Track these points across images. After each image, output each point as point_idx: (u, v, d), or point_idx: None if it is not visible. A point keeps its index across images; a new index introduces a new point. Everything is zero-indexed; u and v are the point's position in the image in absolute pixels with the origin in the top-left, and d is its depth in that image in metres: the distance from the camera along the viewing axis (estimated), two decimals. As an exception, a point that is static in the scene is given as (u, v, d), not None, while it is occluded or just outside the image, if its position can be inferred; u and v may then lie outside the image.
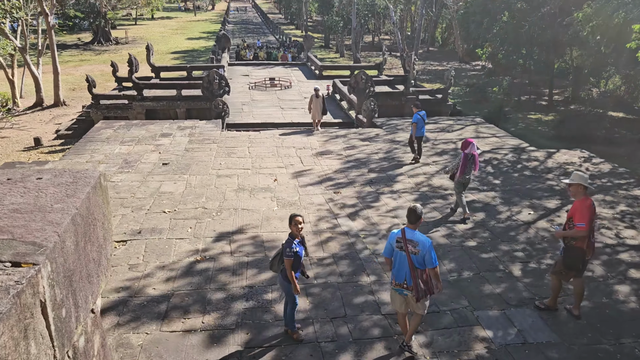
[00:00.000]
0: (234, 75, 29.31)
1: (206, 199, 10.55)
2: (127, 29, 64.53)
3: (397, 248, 5.77)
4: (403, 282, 5.74)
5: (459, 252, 8.53)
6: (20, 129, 22.30)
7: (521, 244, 8.86)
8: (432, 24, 59.54)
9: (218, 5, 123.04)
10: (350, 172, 12.48)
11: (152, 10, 63.00)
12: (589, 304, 7.13)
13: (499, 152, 14.35)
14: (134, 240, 8.74)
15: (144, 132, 15.58)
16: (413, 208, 5.76)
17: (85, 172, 4.20)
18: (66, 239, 3.05)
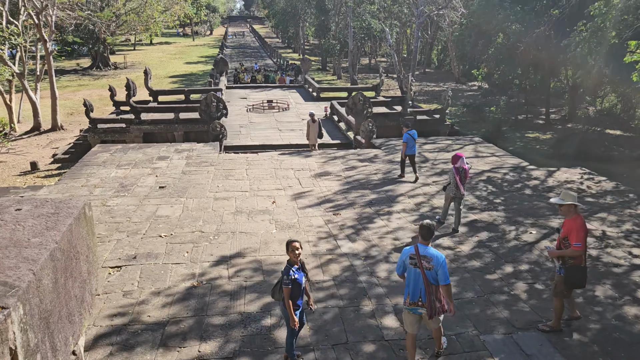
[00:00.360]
0: (232, 98, 29.37)
1: (203, 223, 10.37)
2: (126, 54, 65.07)
3: (411, 265, 5.69)
4: (418, 299, 5.66)
5: (463, 274, 8.32)
6: (17, 153, 22.19)
7: (525, 264, 8.66)
8: (428, 46, 60.15)
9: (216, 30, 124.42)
10: (349, 193, 12.32)
11: (150, 35, 63.58)
12: (598, 326, 6.91)
13: (499, 171, 14.24)
14: (129, 265, 8.53)
15: (141, 156, 15.46)
16: (426, 224, 5.73)
17: (69, 202, 4.01)
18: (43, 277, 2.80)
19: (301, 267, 5.84)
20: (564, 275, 6.49)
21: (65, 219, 3.56)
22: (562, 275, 6.52)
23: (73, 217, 3.64)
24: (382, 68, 31.72)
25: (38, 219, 3.48)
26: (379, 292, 7.75)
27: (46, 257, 2.93)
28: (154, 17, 49.36)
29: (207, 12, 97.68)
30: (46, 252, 2.98)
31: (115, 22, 46.36)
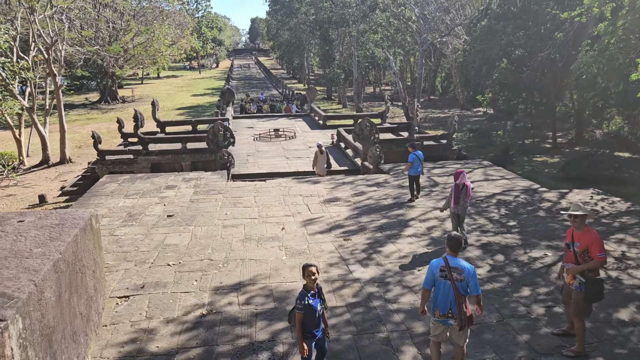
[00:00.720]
0: (239, 128, 29.54)
1: (212, 250, 10.21)
2: (134, 88, 66.08)
3: (441, 277, 5.68)
4: (448, 311, 5.68)
5: (479, 298, 8.06)
6: (26, 186, 22.26)
7: (544, 287, 8.41)
8: (431, 73, 60.69)
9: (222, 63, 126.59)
10: (359, 218, 12.16)
11: (158, 69, 64.64)
12: (625, 351, 6.62)
13: (510, 193, 14.05)
14: (137, 295, 8.35)
15: (149, 185, 15.42)
16: (454, 236, 5.81)
17: (74, 212, 3.86)
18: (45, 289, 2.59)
19: (318, 293, 5.63)
20: (585, 292, 6.30)
21: (71, 230, 3.39)
22: (583, 292, 6.32)
23: (79, 228, 3.47)
24: (387, 95, 31.90)
25: (41, 230, 3.31)
26: (394, 319, 7.51)
27: (49, 268, 2.73)
28: (161, 51, 50.26)
29: (213, 45, 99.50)
30: (49, 262, 2.79)
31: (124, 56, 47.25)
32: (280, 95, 57.30)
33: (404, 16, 43.12)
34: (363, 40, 47.27)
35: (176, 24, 57.05)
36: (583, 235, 6.33)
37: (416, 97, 35.66)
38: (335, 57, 53.76)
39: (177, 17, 59.62)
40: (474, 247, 10.18)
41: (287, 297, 8.20)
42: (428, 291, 5.85)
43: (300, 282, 8.66)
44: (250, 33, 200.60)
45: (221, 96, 37.50)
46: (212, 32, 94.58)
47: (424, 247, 10.28)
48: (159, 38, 48.46)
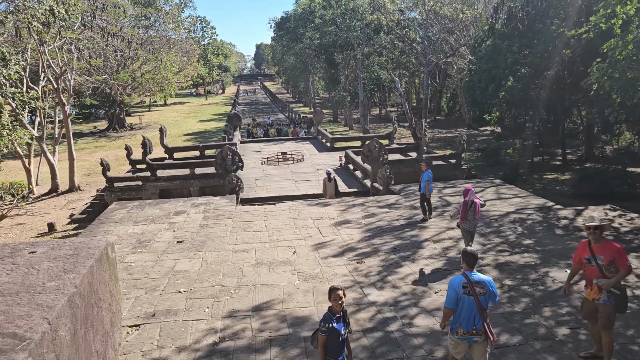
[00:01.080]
0: (246, 152, 29.55)
1: (223, 276, 10.02)
2: (141, 115, 66.71)
3: (465, 294, 5.58)
4: (472, 328, 5.60)
5: (501, 320, 7.81)
6: (35, 215, 22.25)
7: (566, 308, 8.13)
8: (437, 93, 60.85)
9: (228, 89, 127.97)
10: (372, 240, 11.95)
11: (165, 96, 65.35)
12: (656, 373, 6.33)
13: (524, 212, 13.80)
14: (147, 324, 8.15)
15: (158, 211, 15.32)
16: (470, 251, 5.79)
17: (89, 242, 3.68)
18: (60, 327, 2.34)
19: (343, 317, 5.47)
20: (615, 303, 6.15)
21: (86, 260, 3.19)
22: (613, 304, 6.16)
23: (94, 258, 3.27)
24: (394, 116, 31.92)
25: (54, 261, 3.10)
26: (412, 342, 7.26)
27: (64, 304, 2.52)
28: (168, 78, 50.86)
29: (219, 71, 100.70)
30: (64, 297, 2.58)
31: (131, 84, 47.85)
32: (287, 119, 57.59)
33: (409, 38, 43.46)
34: (368, 63, 47.62)
35: (183, 51, 57.85)
36: (604, 248, 6.19)
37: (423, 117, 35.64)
38: (341, 80, 54.13)
39: (184, 44, 60.50)
40: (490, 267, 9.93)
41: (302, 322, 7.98)
42: (452, 310, 5.69)
43: (315, 307, 8.48)
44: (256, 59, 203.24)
45: (228, 121, 37.71)
46: (218, 59, 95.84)
47: (441, 268, 10.03)
48: (166, 65, 49.12)
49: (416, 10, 45.05)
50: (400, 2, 44.12)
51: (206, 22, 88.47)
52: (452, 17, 39.86)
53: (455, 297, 5.61)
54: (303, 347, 7.28)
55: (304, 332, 7.71)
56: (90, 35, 32.56)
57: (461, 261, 5.86)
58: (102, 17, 33.14)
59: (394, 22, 42.38)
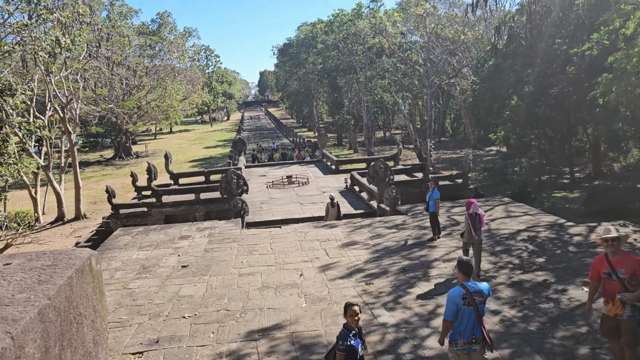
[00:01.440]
0: (252, 177, 29.48)
1: (229, 300, 9.77)
2: (147, 143, 67.16)
3: (464, 305, 5.53)
4: (472, 337, 5.56)
5: (516, 340, 7.50)
6: (41, 243, 22.14)
7: (584, 327, 7.81)
8: (441, 115, 61.02)
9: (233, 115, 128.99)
10: (380, 261, 11.69)
11: (170, 124, 65.89)
12: (685, 393, 6.00)
13: (535, 229, 13.52)
14: (151, 351, 7.89)
15: (163, 236, 15.14)
16: (466, 260, 5.75)
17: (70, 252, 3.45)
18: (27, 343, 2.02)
19: (359, 334, 5.32)
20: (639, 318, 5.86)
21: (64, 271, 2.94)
22: (637, 318, 5.87)
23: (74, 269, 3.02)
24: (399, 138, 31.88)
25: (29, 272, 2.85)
26: (426, 366, 6.96)
27: (32, 317, 2.24)
28: (173, 106, 51.28)
29: (223, 99, 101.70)
30: (33, 310, 2.31)
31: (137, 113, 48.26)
32: (292, 143, 57.76)
33: (411, 60, 43.75)
34: (371, 86, 47.91)
35: (187, 79, 58.51)
36: (624, 260, 5.92)
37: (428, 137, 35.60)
38: (344, 103, 54.43)
39: (188, 72, 61.25)
40: (504, 285, 9.63)
41: (310, 345, 7.70)
42: (451, 323, 5.63)
43: (323, 330, 8.21)
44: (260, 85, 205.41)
45: (233, 146, 37.79)
46: (222, 86, 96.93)
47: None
48: (171, 93, 49.60)
49: (417, 33, 45.49)
50: (402, 26, 44.57)
51: (210, 51, 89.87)
52: (454, 38, 40.20)
53: (455, 309, 5.54)
54: (312, 372, 7.01)
55: (314, 355, 7.44)
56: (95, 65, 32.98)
57: (457, 272, 5.83)
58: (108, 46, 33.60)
59: (396, 45, 42.75)
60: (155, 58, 53.49)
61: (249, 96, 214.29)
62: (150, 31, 56.02)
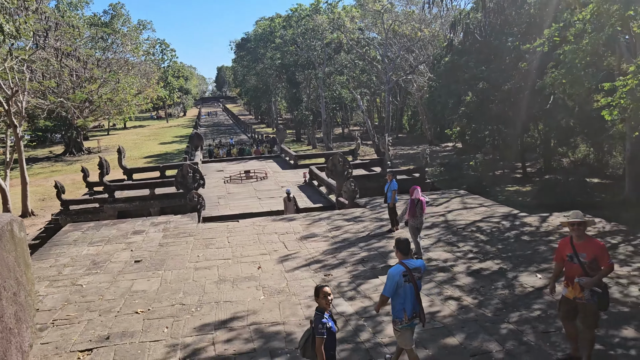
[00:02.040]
0: (208, 172, 28.90)
1: (184, 294, 9.46)
2: (100, 139, 64.94)
3: (405, 282, 5.79)
4: (413, 313, 5.87)
5: (473, 325, 7.57)
6: (-18, 242, 20.95)
7: (538, 311, 7.97)
8: (398, 111, 61.75)
9: (189, 111, 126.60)
10: (339, 252, 11.61)
11: (124, 119, 63.88)
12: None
13: (490, 220, 13.78)
14: (101, 347, 7.53)
15: (115, 232, 14.58)
16: (403, 239, 6.00)
17: None
18: None
19: (331, 316, 5.28)
20: (599, 301, 6.00)
21: None
22: (596, 303, 5.99)
23: None
24: (357, 133, 32.03)
25: None
26: (383, 352, 6.91)
27: None
28: (127, 100, 49.72)
29: (180, 94, 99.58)
30: None
31: (89, 107, 46.52)
32: (250, 139, 57.13)
33: (369, 56, 44.02)
34: (330, 82, 47.94)
35: (142, 73, 56.85)
36: (587, 245, 6.01)
37: (386, 132, 35.91)
38: (303, 99, 54.26)
39: (143, 66, 59.53)
40: (464, 274, 9.74)
41: (269, 337, 7.53)
42: (388, 299, 5.90)
43: (282, 322, 8.04)
44: (217, 81, 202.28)
45: (190, 141, 37.00)
46: (178, 81, 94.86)
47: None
48: (125, 87, 48.05)
49: (375, 30, 45.80)
50: (360, 22, 44.77)
51: (166, 45, 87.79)
52: (411, 35, 40.67)
53: (394, 287, 5.77)
54: (270, 359, 6.85)
55: (275, 342, 7.30)
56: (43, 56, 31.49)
57: (395, 251, 6.05)
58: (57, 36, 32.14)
59: (354, 40, 42.90)
60: (107, 51, 51.68)
61: (206, 92, 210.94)
62: (102, 23, 54.07)
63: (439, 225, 13.61)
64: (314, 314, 5.25)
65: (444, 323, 7.73)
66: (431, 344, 7.11)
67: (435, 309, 8.23)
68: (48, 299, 9.51)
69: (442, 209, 15.61)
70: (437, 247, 11.60)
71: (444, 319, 7.86)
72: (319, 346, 5.06)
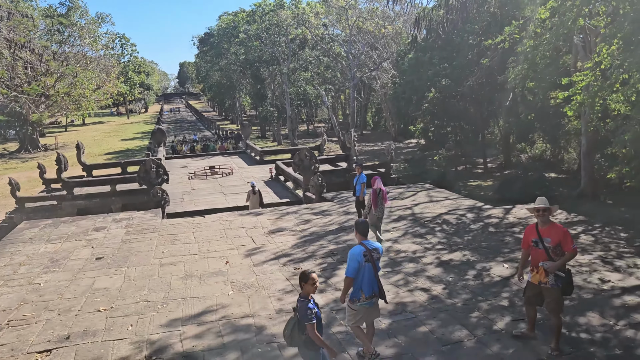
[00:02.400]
0: (172, 168, 28.26)
1: (149, 291, 9.16)
2: (57, 135, 62.67)
3: (366, 262, 5.94)
4: (372, 292, 6.03)
5: (444, 315, 7.61)
6: None
7: (506, 299, 8.09)
8: (362, 108, 62.03)
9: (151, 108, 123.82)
10: (307, 246, 11.51)
11: (82, 115, 61.82)
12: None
13: (456, 212, 13.96)
14: (60, 348, 7.19)
15: (74, 229, 14.04)
16: (362, 221, 6.25)
17: None
18: None
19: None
20: (563, 286, 6.14)
21: None
22: (560, 287, 6.14)
23: None
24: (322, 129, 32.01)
25: None
26: (356, 342, 6.85)
27: None
28: (85, 96, 48.14)
29: (141, 90, 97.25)
30: None
31: (45, 102, 44.78)
32: (214, 135, 56.30)
33: (334, 52, 44.04)
34: (294, 78, 47.71)
35: (101, 67, 55.15)
36: (551, 230, 6.17)
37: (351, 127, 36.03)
38: (268, 95, 53.84)
39: (102, 61, 57.75)
40: (433, 265, 9.80)
41: (238, 331, 7.36)
42: (352, 280, 5.98)
43: (252, 316, 7.88)
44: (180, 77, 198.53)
45: (152, 137, 36.04)
46: (139, 77, 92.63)
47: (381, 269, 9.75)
48: (83, 82, 46.49)
49: (340, 26, 45.85)
50: (324, 17, 44.73)
51: (126, 39, 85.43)
52: (375, 32, 40.90)
53: (357, 267, 5.89)
54: (240, 356, 6.69)
55: (245, 335, 7.15)
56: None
57: (355, 233, 6.22)
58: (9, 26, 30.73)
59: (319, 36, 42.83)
60: (64, 44, 49.84)
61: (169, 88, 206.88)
62: (59, 14, 52.08)
63: (406, 218, 13.69)
64: (297, 302, 5.20)
65: (415, 313, 7.74)
66: (402, 334, 7.10)
67: (406, 300, 8.24)
68: (2, 299, 9.04)
69: (409, 202, 15.72)
70: (406, 239, 11.65)
71: (414, 309, 7.88)
72: (312, 332, 5.06)
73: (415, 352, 6.61)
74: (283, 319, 7.65)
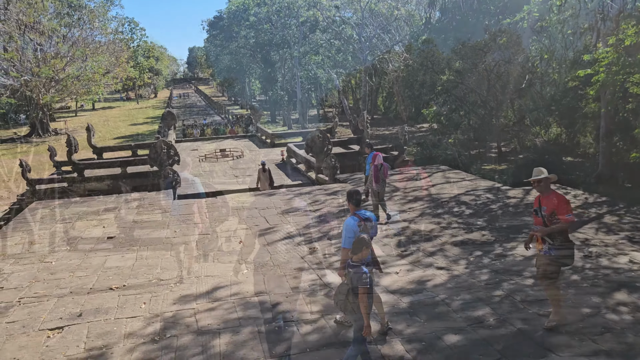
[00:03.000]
0: (183, 151, 28.13)
1: (162, 270, 8.98)
2: (67, 120, 62.82)
3: (361, 232, 5.85)
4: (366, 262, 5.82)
5: (466, 294, 7.34)
6: (-57, 224, 19.89)
7: (530, 279, 7.80)
8: (373, 92, 61.36)
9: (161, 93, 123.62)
10: (321, 226, 11.28)
11: (93, 100, 61.75)
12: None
13: (474, 193, 13.64)
14: (72, 325, 7.03)
15: (85, 209, 13.91)
16: (355, 191, 6.21)
17: None
18: None
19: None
20: (555, 255, 6.07)
21: None
22: (552, 255, 6.08)
23: None
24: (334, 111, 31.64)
25: None
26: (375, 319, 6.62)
27: None
28: (95, 80, 48.01)
29: (150, 75, 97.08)
30: None
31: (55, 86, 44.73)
32: (223, 120, 56.06)
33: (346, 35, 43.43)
34: (305, 61, 47.18)
35: (110, 51, 54.92)
36: (549, 199, 6.17)
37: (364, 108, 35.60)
38: (278, 79, 53.39)
39: (111, 45, 57.46)
40: (451, 245, 9.52)
41: (252, 309, 7.16)
42: (349, 251, 5.68)
43: (267, 293, 7.67)
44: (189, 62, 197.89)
45: (162, 120, 35.90)
46: (148, 62, 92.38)
47: (395, 247, 9.51)
48: (93, 66, 46.34)
49: (351, 9, 45.16)
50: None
51: (135, 24, 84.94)
52: (387, 14, 40.21)
53: (353, 237, 5.72)
54: (256, 331, 6.49)
55: (257, 315, 6.96)
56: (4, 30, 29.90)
57: (348, 204, 6.19)
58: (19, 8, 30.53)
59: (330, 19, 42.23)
60: (73, 27, 49.55)
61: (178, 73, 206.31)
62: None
63: (422, 199, 13.39)
64: (348, 267, 5.24)
65: (435, 292, 7.49)
66: (424, 313, 6.86)
67: (427, 279, 7.99)
68: (14, 277, 8.91)
69: (424, 183, 15.41)
70: (423, 219, 11.38)
71: (435, 288, 7.62)
72: (363, 298, 5.03)
73: (438, 330, 6.36)
74: (299, 296, 7.44)
